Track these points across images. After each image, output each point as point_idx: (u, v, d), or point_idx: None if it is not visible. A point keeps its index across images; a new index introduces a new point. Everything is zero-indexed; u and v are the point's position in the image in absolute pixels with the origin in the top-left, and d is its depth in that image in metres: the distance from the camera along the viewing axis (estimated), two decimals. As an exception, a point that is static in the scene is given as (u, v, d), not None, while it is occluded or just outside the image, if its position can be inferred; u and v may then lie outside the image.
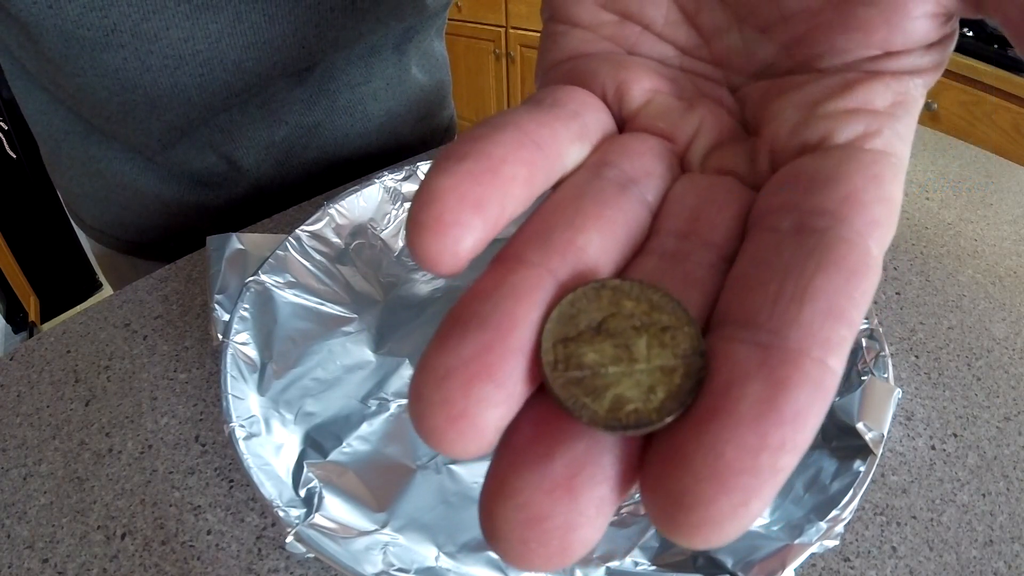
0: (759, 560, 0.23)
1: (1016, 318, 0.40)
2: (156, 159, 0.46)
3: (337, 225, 0.37)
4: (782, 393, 0.09)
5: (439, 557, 0.25)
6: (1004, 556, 0.27)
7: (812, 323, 0.10)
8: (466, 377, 0.09)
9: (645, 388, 0.10)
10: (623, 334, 0.10)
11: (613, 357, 0.10)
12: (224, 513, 0.28)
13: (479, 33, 2.09)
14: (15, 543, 0.27)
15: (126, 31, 0.36)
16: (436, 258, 0.10)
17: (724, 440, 0.09)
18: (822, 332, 0.10)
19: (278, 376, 0.30)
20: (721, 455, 0.09)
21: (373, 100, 0.51)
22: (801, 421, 0.09)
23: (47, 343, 0.36)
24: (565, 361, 0.10)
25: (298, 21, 0.40)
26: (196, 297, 0.38)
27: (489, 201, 0.10)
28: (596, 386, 0.10)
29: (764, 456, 0.09)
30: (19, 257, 1.65)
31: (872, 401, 0.28)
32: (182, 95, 0.41)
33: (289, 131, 0.47)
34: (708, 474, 0.09)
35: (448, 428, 0.09)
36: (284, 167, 0.49)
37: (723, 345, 0.10)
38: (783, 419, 0.09)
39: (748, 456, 0.09)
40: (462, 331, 0.10)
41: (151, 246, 0.52)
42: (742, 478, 0.09)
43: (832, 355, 0.10)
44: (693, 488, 0.09)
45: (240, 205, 0.50)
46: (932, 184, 0.53)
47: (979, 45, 1.43)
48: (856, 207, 0.11)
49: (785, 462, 0.09)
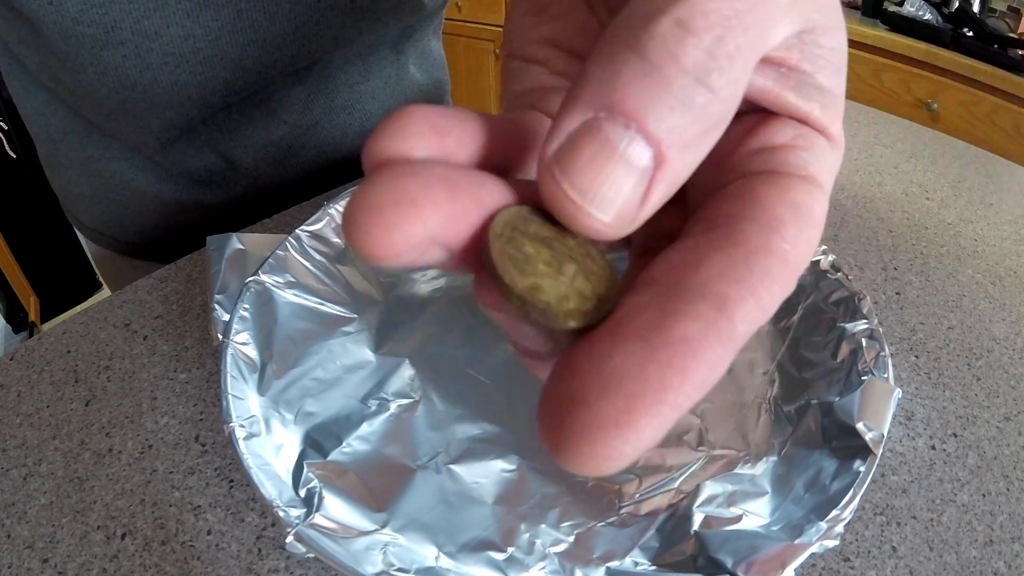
0: (759, 560, 0.23)
1: (1016, 318, 0.40)
2: (155, 158, 0.46)
3: (337, 225, 0.37)
4: (671, 318, 0.10)
5: (439, 557, 0.25)
6: (1004, 556, 0.27)
7: (708, 280, 0.10)
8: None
9: (560, 294, 0.11)
10: (560, 254, 0.12)
11: (546, 261, 0.11)
12: (224, 513, 0.28)
13: (479, 33, 2.09)
14: (15, 543, 0.27)
15: (126, 28, 0.36)
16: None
17: (612, 348, 0.10)
18: (717, 286, 0.10)
19: (278, 376, 0.30)
20: (608, 358, 0.09)
21: (371, 99, 0.51)
22: (690, 349, 0.10)
23: (47, 343, 0.36)
24: (509, 240, 0.11)
25: (298, 19, 0.40)
26: (196, 297, 0.38)
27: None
28: (524, 269, 0.11)
29: (651, 368, 0.09)
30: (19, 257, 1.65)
31: (872, 401, 0.28)
32: (182, 93, 0.41)
33: (288, 130, 0.47)
34: (594, 375, 0.09)
35: (375, 230, 0.10)
36: (282, 166, 0.49)
37: (627, 295, 0.11)
38: (671, 339, 0.10)
39: (634, 362, 0.09)
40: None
41: (149, 246, 0.52)
42: (626, 382, 0.09)
43: (728, 307, 0.10)
44: (579, 391, 0.09)
45: (238, 205, 0.50)
46: (932, 184, 0.53)
47: (979, 45, 1.43)
48: (759, 208, 0.12)
49: (673, 382, 0.09)
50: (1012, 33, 1.52)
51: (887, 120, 0.64)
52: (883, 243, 0.46)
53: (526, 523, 0.27)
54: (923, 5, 1.53)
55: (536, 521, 0.27)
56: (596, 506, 0.27)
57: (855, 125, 0.63)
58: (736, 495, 0.27)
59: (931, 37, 1.48)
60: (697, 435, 0.30)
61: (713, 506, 0.27)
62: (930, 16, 1.52)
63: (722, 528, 0.26)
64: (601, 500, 0.28)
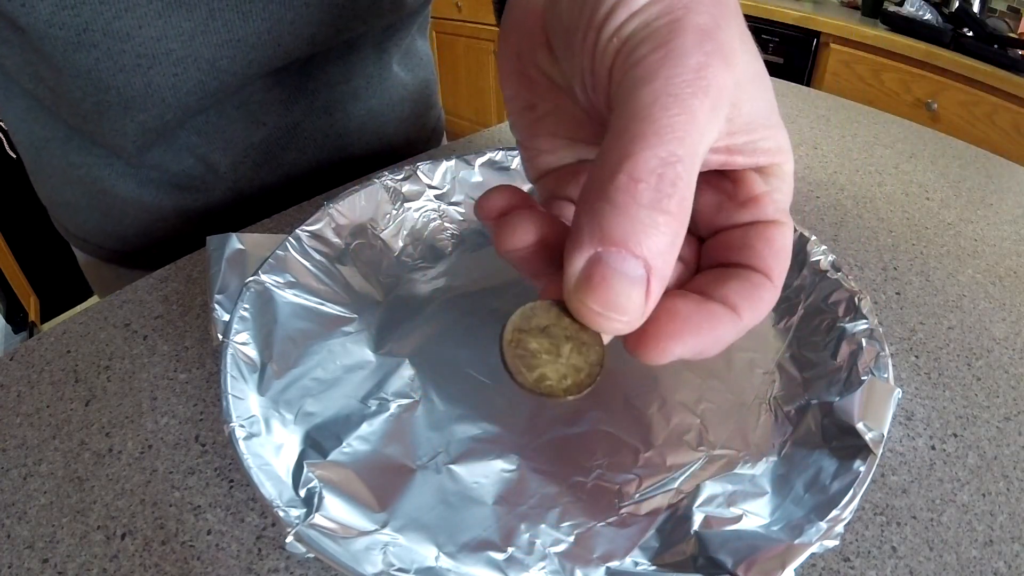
0: (759, 560, 0.23)
1: (1016, 318, 0.40)
2: (133, 162, 0.45)
3: (337, 225, 0.37)
4: (705, 304, 0.18)
5: (439, 557, 0.25)
6: (1004, 556, 0.27)
7: (727, 295, 0.18)
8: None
9: (560, 375, 0.16)
10: (557, 338, 0.17)
11: (547, 350, 0.17)
12: (224, 513, 0.28)
13: (479, 33, 2.09)
14: (15, 543, 0.27)
15: (98, 30, 0.36)
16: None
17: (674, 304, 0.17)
18: (731, 299, 0.18)
19: (278, 376, 0.30)
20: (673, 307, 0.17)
21: (353, 99, 0.50)
22: (713, 322, 0.17)
23: (47, 343, 0.36)
24: (517, 343, 0.17)
25: (272, 18, 0.40)
26: (196, 297, 0.38)
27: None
28: (531, 364, 0.16)
29: (697, 317, 0.18)
30: (19, 257, 1.65)
31: (872, 401, 0.28)
32: (156, 95, 0.40)
33: (268, 132, 0.47)
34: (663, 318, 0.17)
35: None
36: (263, 169, 0.48)
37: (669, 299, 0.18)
38: (706, 311, 0.18)
39: (689, 309, 0.17)
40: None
41: (133, 254, 0.51)
42: (680, 321, 0.17)
43: (737, 310, 0.18)
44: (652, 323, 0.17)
45: (219, 210, 0.49)
46: (932, 184, 0.53)
47: (979, 45, 1.43)
48: (756, 259, 0.19)
49: (703, 329, 0.17)
50: (1012, 33, 1.52)
51: (887, 120, 0.64)
52: (883, 243, 0.46)
53: (526, 523, 0.27)
54: (923, 5, 1.53)
55: (536, 521, 0.27)
56: (596, 506, 0.27)
57: (855, 125, 0.63)
58: (736, 495, 0.27)
59: (931, 37, 1.48)
60: (697, 435, 0.30)
61: (713, 506, 0.27)
62: (930, 16, 1.52)
63: (722, 528, 0.26)
64: (601, 500, 0.28)
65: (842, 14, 1.70)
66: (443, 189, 0.42)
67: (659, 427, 0.31)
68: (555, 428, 0.30)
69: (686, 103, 0.15)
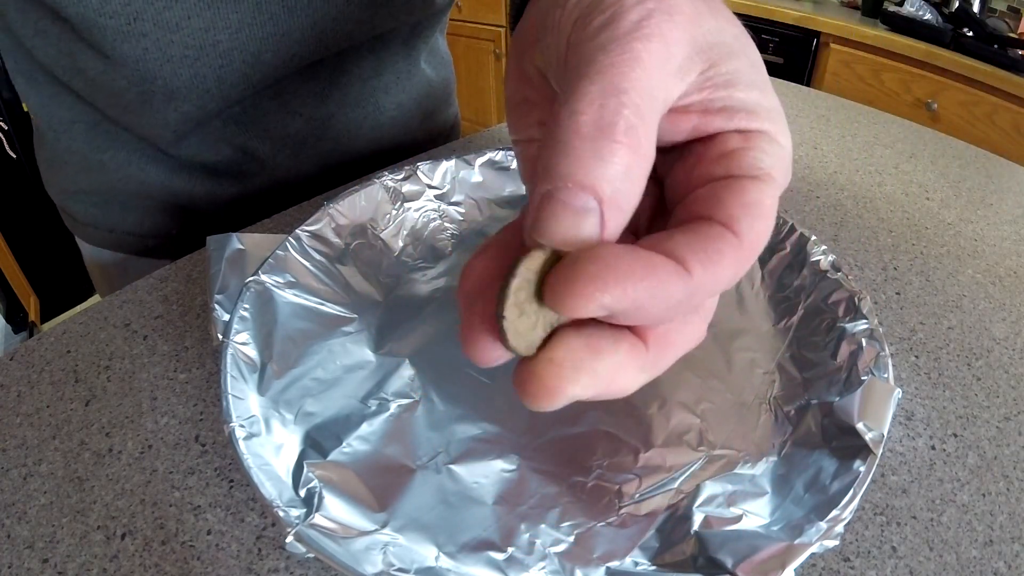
0: (759, 560, 0.23)
1: (1016, 318, 0.40)
2: (168, 150, 0.46)
3: (337, 225, 0.37)
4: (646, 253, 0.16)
5: (439, 557, 0.25)
6: (1004, 556, 0.27)
7: (674, 248, 0.15)
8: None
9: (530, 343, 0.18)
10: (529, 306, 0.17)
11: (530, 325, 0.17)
12: (224, 513, 0.28)
13: (479, 33, 2.09)
14: (15, 543, 0.27)
15: (148, 20, 0.36)
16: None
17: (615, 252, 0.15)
18: (678, 252, 0.15)
19: (278, 376, 0.30)
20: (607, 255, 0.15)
21: (384, 93, 0.51)
22: (657, 272, 0.15)
23: (47, 343, 0.36)
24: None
25: (316, 13, 0.41)
26: (196, 297, 0.38)
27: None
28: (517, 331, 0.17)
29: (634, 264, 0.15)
30: (19, 257, 1.65)
31: (872, 401, 0.28)
32: (200, 86, 0.41)
33: (303, 123, 0.48)
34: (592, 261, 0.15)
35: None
36: (299, 158, 0.50)
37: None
38: (647, 260, 0.15)
39: (627, 257, 0.15)
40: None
41: (149, 240, 0.52)
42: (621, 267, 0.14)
43: (685, 266, 0.15)
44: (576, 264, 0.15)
45: (254, 197, 0.50)
46: (932, 184, 0.53)
47: (979, 45, 1.43)
48: (718, 208, 0.16)
49: (639, 275, 0.14)
50: (1012, 33, 1.52)
51: (887, 120, 0.64)
52: (883, 243, 0.46)
53: (526, 523, 0.27)
54: (923, 5, 1.53)
55: (536, 521, 0.27)
56: (596, 506, 0.27)
57: (855, 125, 0.63)
58: (736, 495, 0.27)
59: (931, 37, 1.48)
60: (697, 435, 0.30)
61: (713, 506, 0.27)
62: (930, 16, 1.52)
63: (722, 528, 0.26)
64: (601, 500, 0.28)
65: (842, 14, 1.70)
66: (443, 189, 0.42)
67: (659, 427, 0.31)
68: (555, 428, 0.30)
69: (627, 46, 0.15)
